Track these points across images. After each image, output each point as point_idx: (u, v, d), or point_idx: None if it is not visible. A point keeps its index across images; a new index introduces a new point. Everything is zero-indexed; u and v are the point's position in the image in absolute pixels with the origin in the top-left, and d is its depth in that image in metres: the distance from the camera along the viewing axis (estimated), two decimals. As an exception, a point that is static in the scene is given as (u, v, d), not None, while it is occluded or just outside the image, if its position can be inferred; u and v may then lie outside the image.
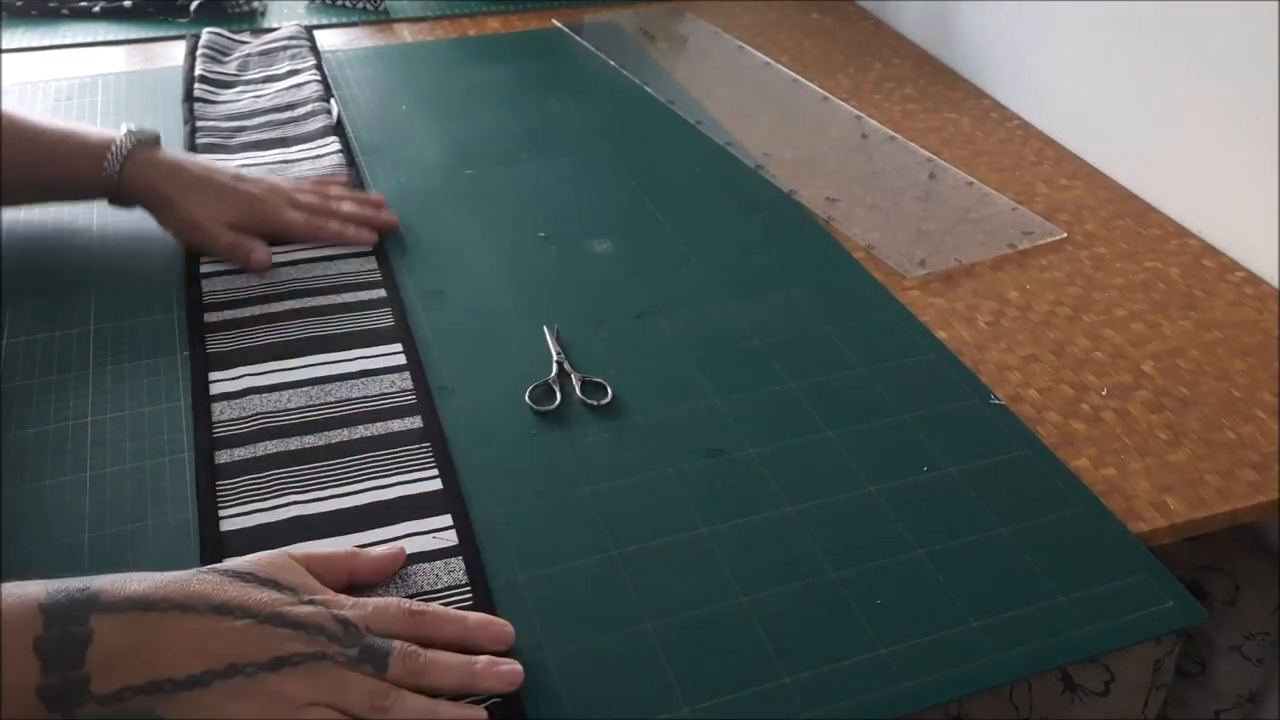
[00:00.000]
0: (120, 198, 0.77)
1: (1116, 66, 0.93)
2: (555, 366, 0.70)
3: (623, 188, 0.91)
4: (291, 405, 0.65)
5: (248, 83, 1.03)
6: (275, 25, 1.18)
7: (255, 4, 1.21)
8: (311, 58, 1.07)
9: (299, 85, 1.01)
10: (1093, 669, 0.67)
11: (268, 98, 1.00)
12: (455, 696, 0.49)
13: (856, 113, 1.04)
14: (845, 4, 1.29)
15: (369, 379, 0.68)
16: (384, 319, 0.73)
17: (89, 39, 1.14)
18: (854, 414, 0.67)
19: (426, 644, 0.50)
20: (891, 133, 1.01)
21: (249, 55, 1.08)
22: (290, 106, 0.98)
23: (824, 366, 0.71)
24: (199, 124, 0.94)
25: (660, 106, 1.04)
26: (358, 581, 0.54)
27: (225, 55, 1.08)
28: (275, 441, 0.63)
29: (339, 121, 0.97)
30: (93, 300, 0.74)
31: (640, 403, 0.68)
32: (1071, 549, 0.59)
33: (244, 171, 0.81)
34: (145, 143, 0.77)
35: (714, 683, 0.51)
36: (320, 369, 0.68)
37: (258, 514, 0.58)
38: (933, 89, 1.10)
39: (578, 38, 1.18)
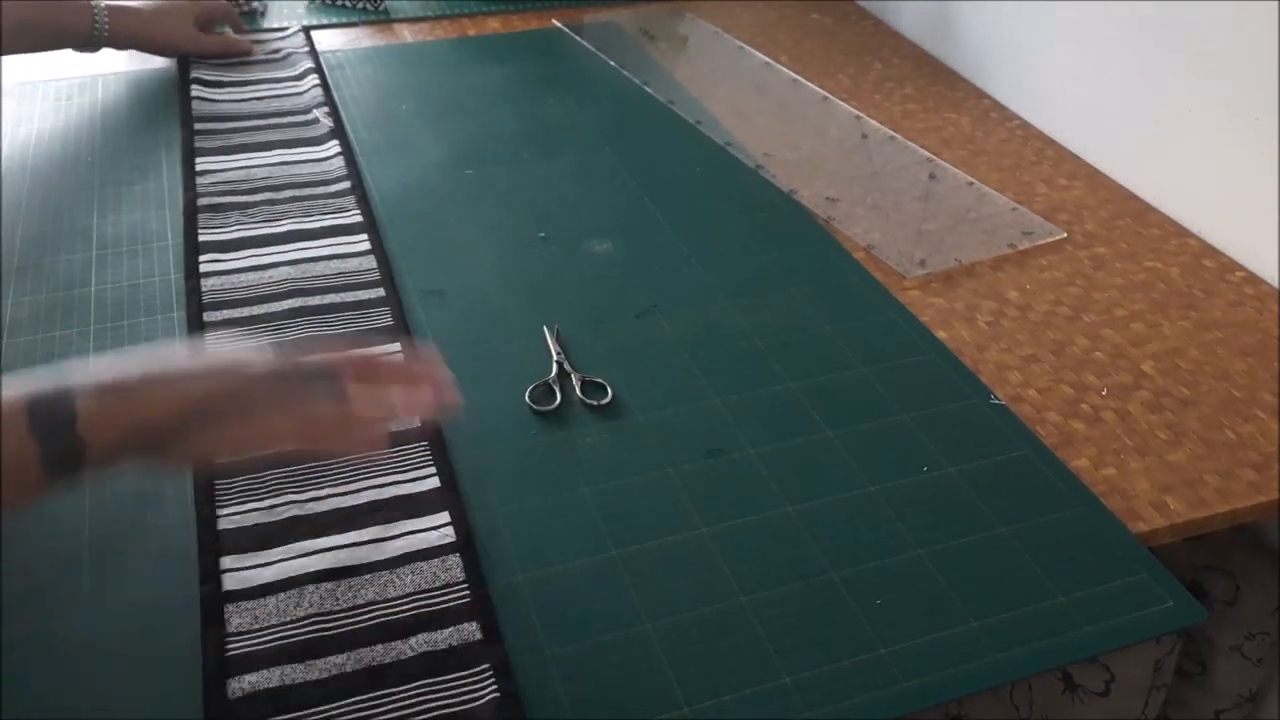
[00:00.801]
0: (108, 45, 1.00)
1: (1116, 66, 0.93)
2: (555, 366, 0.70)
3: (623, 188, 0.91)
4: None
5: (245, 83, 1.04)
6: (276, 25, 1.17)
7: (255, 4, 1.21)
8: (310, 60, 1.08)
9: (299, 92, 1.03)
10: (1093, 669, 0.67)
11: (266, 101, 1.01)
12: None
13: (856, 113, 1.04)
14: (845, 4, 1.29)
15: None
16: (383, 319, 0.73)
17: (89, 39, 1.14)
18: (854, 414, 0.67)
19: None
20: (891, 133, 1.01)
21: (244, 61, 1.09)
22: (291, 112, 0.99)
23: (824, 366, 0.71)
24: (198, 126, 0.95)
25: (660, 106, 1.04)
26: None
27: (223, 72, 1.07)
28: None
29: (337, 125, 0.97)
30: (92, 300, 0.74)
31: (640, 403, 0.68)
32: (1071, 549, 0.59)
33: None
34: None
35: (714, 683, 0.51)
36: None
37: (255, 513, 0.58)
38: (933, 89, 1.10)
39: (578, 38, 1.18)
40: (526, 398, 0.67)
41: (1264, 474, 0.65)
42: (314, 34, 1.16)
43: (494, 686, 0.50)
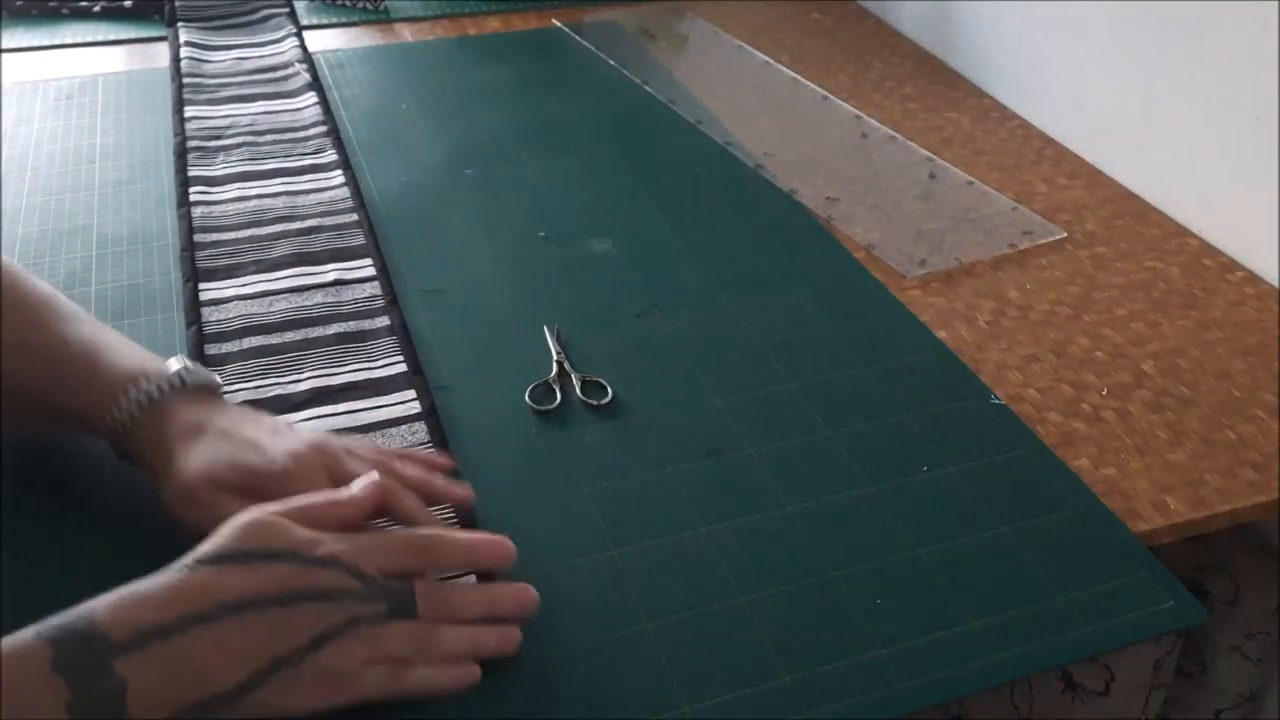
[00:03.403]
0: (124, 452, 0.56)
1: (1116, 66, 0.93)
2: (555, 366, 0.70)
3: (623, 188, 0.91)
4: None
5: (230, 47, 1.10)
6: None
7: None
8: (290, 23, 1.15)
9: (279, 51, 1.09)
10: (1093, 669, 0.67)
11: (251, 60, 1.08)
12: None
13: (856, 112, 1.04)
14: (845, 4, 1.29)
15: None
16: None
17: (89, 39, 1.14)
18: (854, 414, 0.67)
19: (438, 566, 0.51)
20: (891, 132, 1.01)
21: (231, 14, 1.16)
22: (272, 69, 1.05)
23: (824, 366, 0.71)
24: (186, 80, 1.01)
25: (660, 106, 1.04)
26: (346, 526, 0.49)
27: (208, 19, 1.15)
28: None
29: (315, 79, 1.04)
30: (93, 300, 0.74)
31: (640, 403, 0.68)
32: (1071, 549, 0.59)
33: (288, 429, 0.57)
34: (194, 389, 0.55)
35: (714, 683, 0.51)
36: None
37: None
38: (933, 89, 1.10)
39: (578, 38, 1.18)
40: (526, 398, 0.67)
41: (1264, 474, 0.65)
42: (313, 34, 1.17)
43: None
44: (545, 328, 0.73)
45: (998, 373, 0.72)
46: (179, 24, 1.13)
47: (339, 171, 0.89)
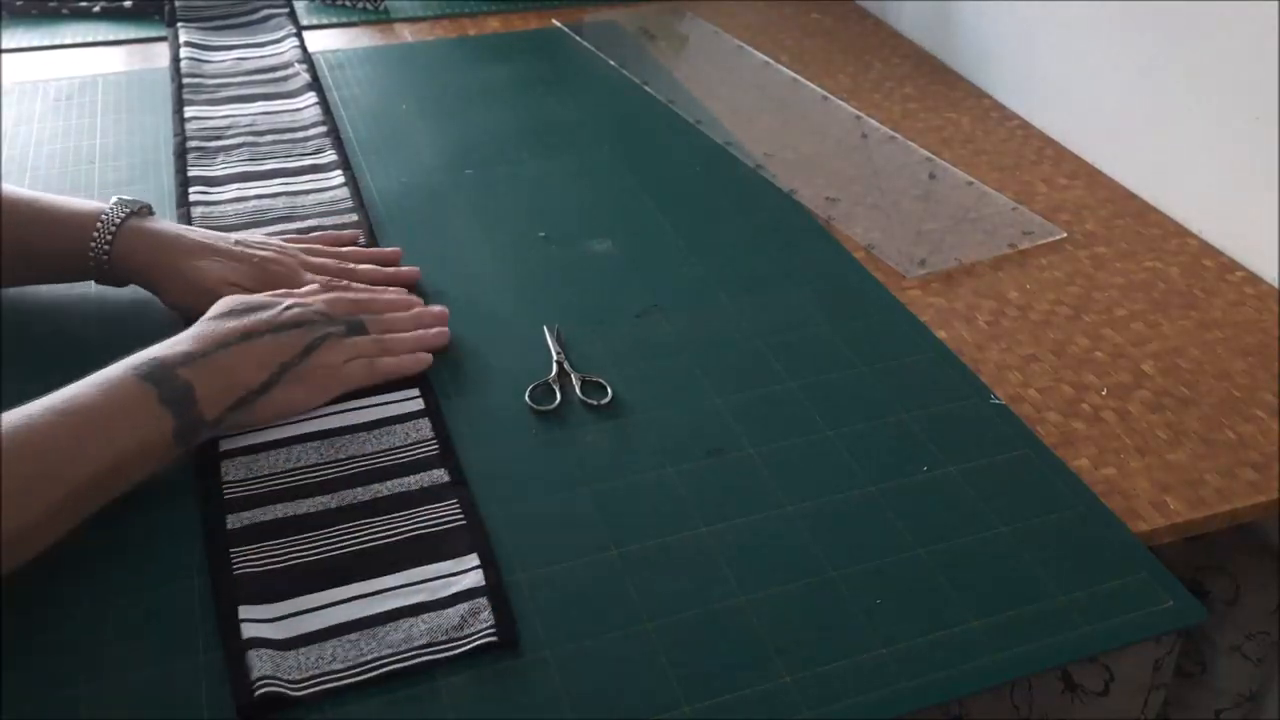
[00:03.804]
0: (110, 275, 0.70)
1: (1116, 66, 0.93)
2: (555, 366, 0.70)
3: (623, 188, 0.91)
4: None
5: (230, 47, 1.10)
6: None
7: (255, 4, 1.21)
8: (290, 23, 1.15)
9: (279, 51, 1.09)
10: (1093, 669, 0.67)
11: (251, 60, 1.08)
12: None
13: (856, 112, 1.04)
14: (845, 4, 1.29)
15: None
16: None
17: (89, 39, 1.14)
18: (854, 414, 0.67)
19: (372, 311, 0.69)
20: (891, 132, 1.01)
21: (230, 14, 1.16)
22: (271, 69, 1.05)
23: (824, 366, 0.71)
24: (186, 80, 1.01)
25: (660, 106, 1.04)
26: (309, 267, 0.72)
27: (208, 19, 1.15)
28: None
29: (315, 79, 1.04)
30: (93, 300, 0.74)
31: (640, 403, 0.68)
32: (1071, 549, 0.59)
33: (245, 235, 0.75)
34: (137, 213, 0.71)
35: (714, 683, 0.51)
36: None
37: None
38: (933, 89, 1.10)
39: (578, 38, 1.18)
40: (526, 398, 0.67)
41: (1264, 474, 0.65)
42: (313, 34, 1.17)
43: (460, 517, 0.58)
44: (545, 328, 0.73)
45: (998, 373, 0.72)
46: (179, 24, 1.13)
47: (339, 172, 0.89)
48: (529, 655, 0.52)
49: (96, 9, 1.19)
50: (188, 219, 0.82)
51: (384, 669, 0.50)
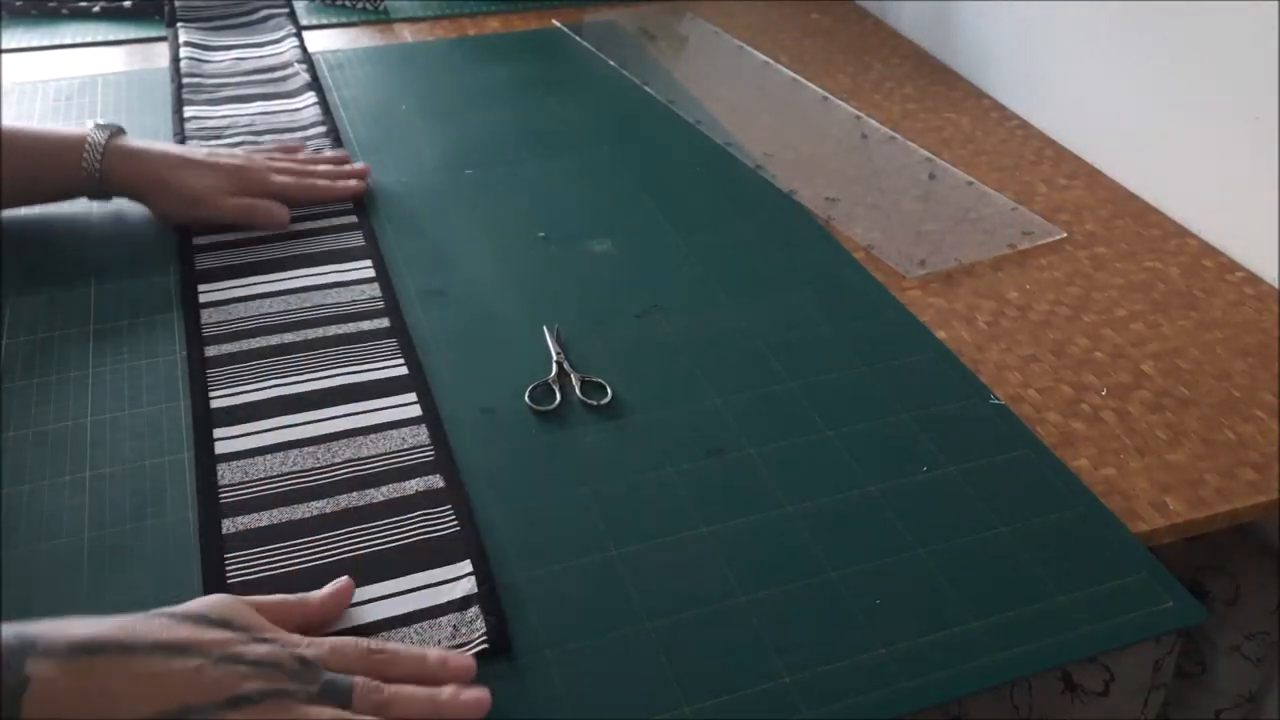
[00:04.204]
0: (101, 191, 0.80)
1: (1116, 66, 0.93)
2: (555, 366, 0.70)
3: (623, 188, 0.91)
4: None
5: (230, 47, 1.11)
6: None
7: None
8: (290, 24, 1.15)
9: (278, 51, 1.10)
10: (1093, 669, 0.67)
11: (250, 60, 1.08)
12: None
13: (856, 113, 1.04)
14: (845, 4, 1.29)
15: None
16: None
17: (89, 39, 1.14)
18: (854, 414, 0.67)
19: (386, 681, 0.48)
20: (891, 133, 1.01)
21: (229, 14, 1.17)
22: (270, 69, 1.06)
23: (824, 366, 0.71)
24: (185, 80, 1.02)
25: (660, 106, 1.04)
26: (310, 622, 0.51)
27: (208, 19, 1.16)
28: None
29: (315, 79, 1.05)
30: (93, 300, 0.74)
31: (640, 403, 0.68)
32: (1071, 549, 0.59)
33: (215, 148, 0.85)
34: (115, 134, 0.79)
35: (714, 683, 0.51)
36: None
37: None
38: (933, 89, 1.10)
39: (578, 38, 1.18)
40: (526, 398, 0.67)
41: (1264, 474, 0.65)
42: (313, 34, 1.17)
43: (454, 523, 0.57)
44: (545, 328, 0.73)
45: (997, 373, 0.72)
46: (178, 24, 1.13)
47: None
48: (529, 655, 0.52)
49: (96, 9, 1.19)
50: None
51: None
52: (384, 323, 0.73)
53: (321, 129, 0.95)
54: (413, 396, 0.67)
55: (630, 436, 0.65)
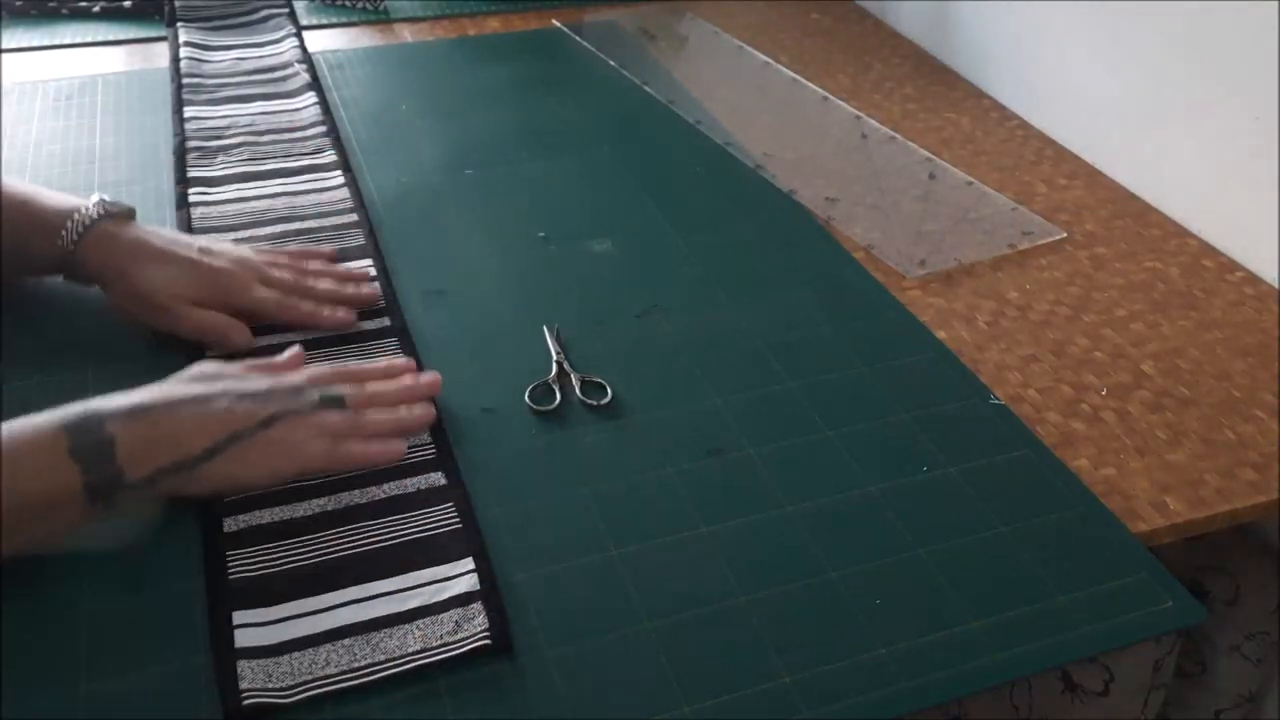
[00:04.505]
0: (75, 273, 0.71)
1: (1116, 66, 0.93)
2: (555, 366, 0.70)
3: (623, 188, 0.91)
4: None
5: (230, 47, 1.10)
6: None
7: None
8: (290, 24, 1.14)
9: (279, 51, 1.09)
10: (1093, 669, 0.67)
11: (250, 60, 1.07)
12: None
13: (856, 113, 1.04)
14: (845, 4, 1.29)
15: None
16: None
17: (89, 39, 1.14)
18: (854, 414, 0.67)
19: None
20: (891, 133, 1.01)
21: (228, 14, 1.16)
22: (270, 69, 1.05)
23: (824, 366, 0.71)
24: (185, 80, 1.01)
25: (660, 106, 1.04)
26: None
27: (207, 19, 1.15)
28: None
29: (315, 79, 1.03)
30: (93, 300, 0.74)
31: (640, 403, 0.68)
32: (1071, 549, 0.59)
33: (213, 244, 0.72)
34: (115, 216, 0.70)
35: (714, 683, 0.51)
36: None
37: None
38: (933, 89, 1.10)
39: (578, 38, 1.18)
40: (526, 398, 0.67)
41: (1264, 474, 0.65)
42: (313, 34, 1.17)
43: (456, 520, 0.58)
44: (545, 328, 0.73)
45: (997, 373, 0.72)
46: (178, 24, 1.13)
47: (338, 172, 0.89)
48: (529, 655, 0.52)
49: (96, 9, 1.19)
50: (188, 219, 0.82)
51: (378, 674, 0.50)
52: (385, 322, 0.73)
53: (321, 129, 0.95)
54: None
55: (630, 436, 0.65)
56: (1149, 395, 0.71)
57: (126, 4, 1.19)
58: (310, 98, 1.00)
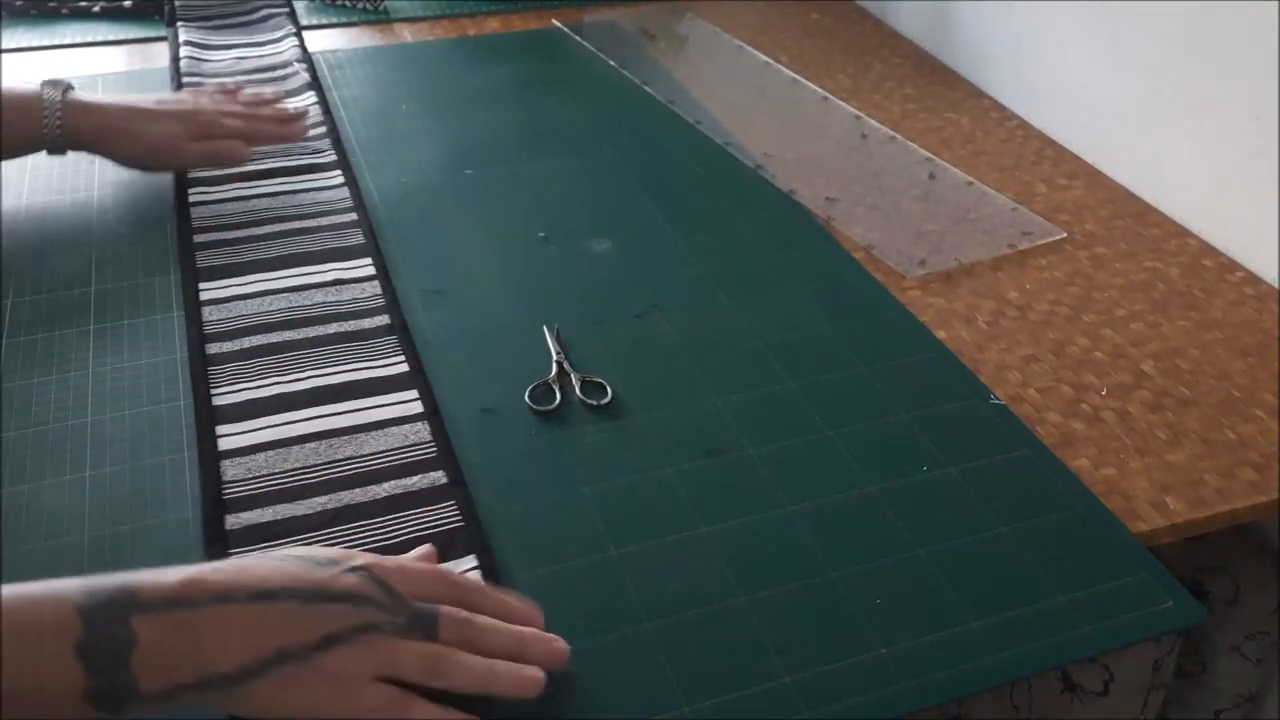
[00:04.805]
0: (60, 146, 0.81)
1: (1116, 66, 0.93)
2: (555, 366, 0.70)
3: (623, 188, 0.91)
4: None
5: (230, 46, 1.11)
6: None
7: (255, 4, 1.21)
8: (290, 23, 1.15)
9: (278, 51, 1.10)
10: (1093, 669, 0.67)
11: (250, 60, 1.08)
12: None
13: (856, 113, 1.04)
14: (845, 4, 1.29)
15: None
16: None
17: (89, 39, 1.14)
18: (854, 414, 0.67)
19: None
20: (891, 133, 1.01)
21: (228, 13, 1.17)
22: (270, 68, 1.06)
23: (824, 366, 0.71)
24: (184, 80, 1.02)
25: (660, 106, 1.04)
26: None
27: (207, 19, 1.16)
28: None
29: (315, 78, 1.04)
30: (92, 299, 0.74)
31: (640, 403, 0.68)
32: (1071, 549, 0.59)
33: (162, 95, 0.89)
34: (67, 90, 0.81)
35: (714, 683, 0.51)
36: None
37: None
38: (933, 89, 1.10)
39: (578, 38, 1.18)
40: (526, 398, 0.67)
41: (1264, 474, 0.65)
42: (313, 34, 1.17)
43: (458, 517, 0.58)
44: (545, 328, 0.73)
45: (997, 373, 0.72)
46: (178, 23, 1.13)
47: (338, 171, 0.89)
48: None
49: (96, 9, 1.19)
50: (189, 220, 0.82)
51: None
52: (384, 319, 0.73)
53: (322, 129, 0.95)
54: (414, 393, 0.67)
55: (630, 436, 0.65)
56: (1149, 395, 0.71)
57: (126, 4, 1.19)
58: (310, 97, 1.00)
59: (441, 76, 1.09)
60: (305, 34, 1.14)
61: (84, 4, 1.19)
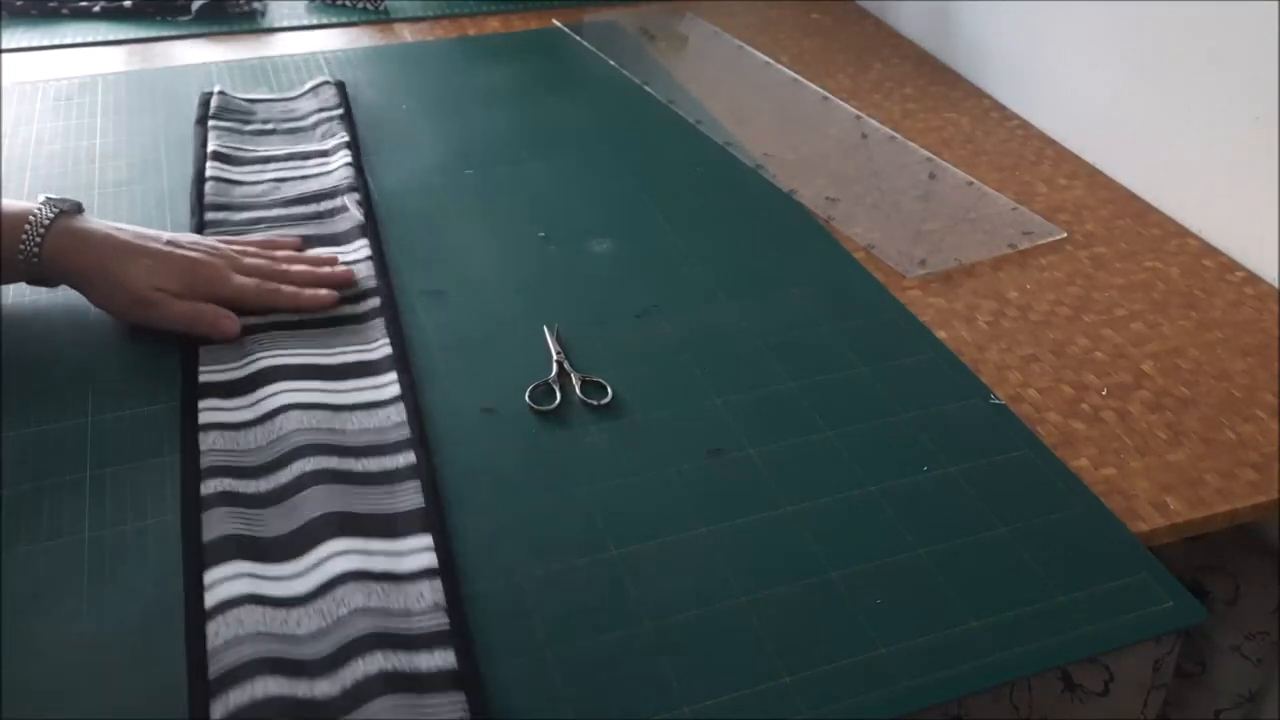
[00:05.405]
0: (40, 275, 0.70)
1: (1116, 66, 0.93)
2: (555, 366, 0.70)
3: (623, 188, 0.91)
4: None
5: (268, 160, 0.90)
6: (276, 26, 1.18)
7: (256, 4, 1.21)
8: (343, 130, 0.94)
9: (327, 171, 0.88)
10: (1093, 669, 0.67)
11: (291, 184, 0.87)
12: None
13: (856, 113, 1.04)
14: (845, 4, 1.29)
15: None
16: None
17: (89, 39, 1.14)
18: (854, 414, 0.67)
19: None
20: (891, 132, 1.01)
21: (270, 119, 0.97)
22: (316, 198, 0.85)
23: (824, 366, 0.71)
24: (209, 215, 0.82)
25: (660, 106, 1.04)
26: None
27: (244, 121, 0.96)
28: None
29: (367, 218, 0.83)
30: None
31: (640, 403, 0.68)
32: (1071, 549, 0.59)
33: (179, 236, 0.73)
34: (66, 213, 0.69)
35: (714, 683, 0.51)
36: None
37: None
38: (933, 89, 1.10)
39: (578, 38, 1.18)
40: (526, 398, 0.67)
41: (1264, 474, 0.65)
42: (314, 34, 1.16)
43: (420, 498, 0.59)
44: (545, 328, 0.73)
45: (997, 373, 0.72)
46: (210, 122, 0.95)
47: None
48: (529, 655, 0.52)
49: (96, 9, 1.19)
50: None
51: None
52: (374, 302, 0.74)
53: (371, 284, 0.77)
54: (392, 376, 0.67)
55: (630, 436, 0.65)
56: (1149, 395, 0.71)
57: (126, 4, 1.19)
58: (361, 248, 0.79)
59: (442, 76, 1.09)
60: (306, 34, 1.14)
61: (84, 4, 1.19)
